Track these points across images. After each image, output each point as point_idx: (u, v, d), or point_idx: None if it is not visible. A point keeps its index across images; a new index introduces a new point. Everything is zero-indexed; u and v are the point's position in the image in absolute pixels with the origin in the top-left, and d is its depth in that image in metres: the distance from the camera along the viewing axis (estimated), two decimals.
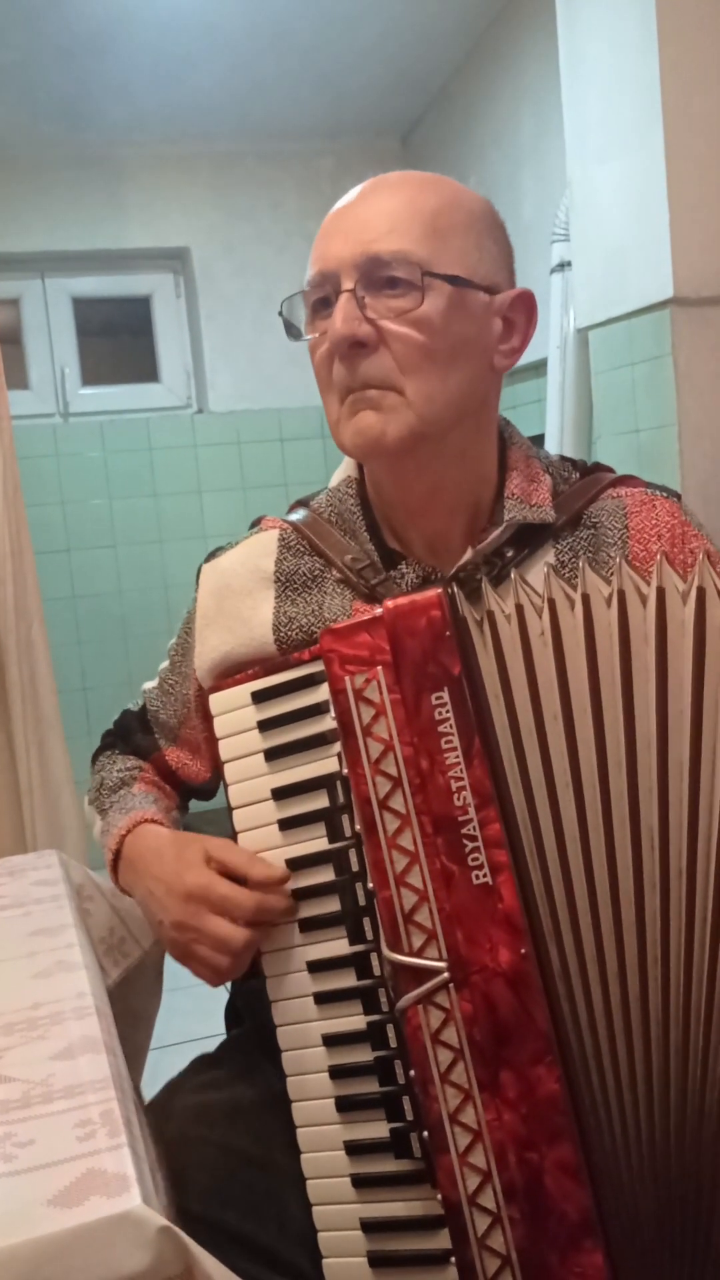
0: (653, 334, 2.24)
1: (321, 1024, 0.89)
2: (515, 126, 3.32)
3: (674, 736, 0.80)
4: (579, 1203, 0.80)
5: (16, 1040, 0.85)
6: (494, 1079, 0.82)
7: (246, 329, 4.03)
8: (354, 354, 0.94)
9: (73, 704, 2.58)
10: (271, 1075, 0.93)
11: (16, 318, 3.93)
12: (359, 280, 0.93)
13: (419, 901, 0.84)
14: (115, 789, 1.14)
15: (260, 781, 0.93)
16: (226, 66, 3.41)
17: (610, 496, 1.04)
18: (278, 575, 1.05)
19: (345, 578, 1.02)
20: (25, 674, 2.25)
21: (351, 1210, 0.87)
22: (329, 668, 0.88)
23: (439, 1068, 0.83)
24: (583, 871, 0.82)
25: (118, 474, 3.91)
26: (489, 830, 0.82)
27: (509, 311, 0.99)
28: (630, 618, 0.81)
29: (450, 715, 0.83)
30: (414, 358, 0.93)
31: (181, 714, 1.14)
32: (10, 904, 1.20)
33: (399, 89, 3.75)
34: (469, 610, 0.85)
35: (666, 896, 0.80)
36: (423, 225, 0.93)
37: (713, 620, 0.79)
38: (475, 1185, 0.82)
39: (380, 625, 0.86)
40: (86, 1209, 0.62)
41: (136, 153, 3.83)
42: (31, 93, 3.39)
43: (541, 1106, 0.81)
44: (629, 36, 2.20)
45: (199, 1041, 1.16)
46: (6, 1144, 0.70)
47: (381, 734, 0.86)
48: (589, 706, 0.81)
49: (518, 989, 0.81)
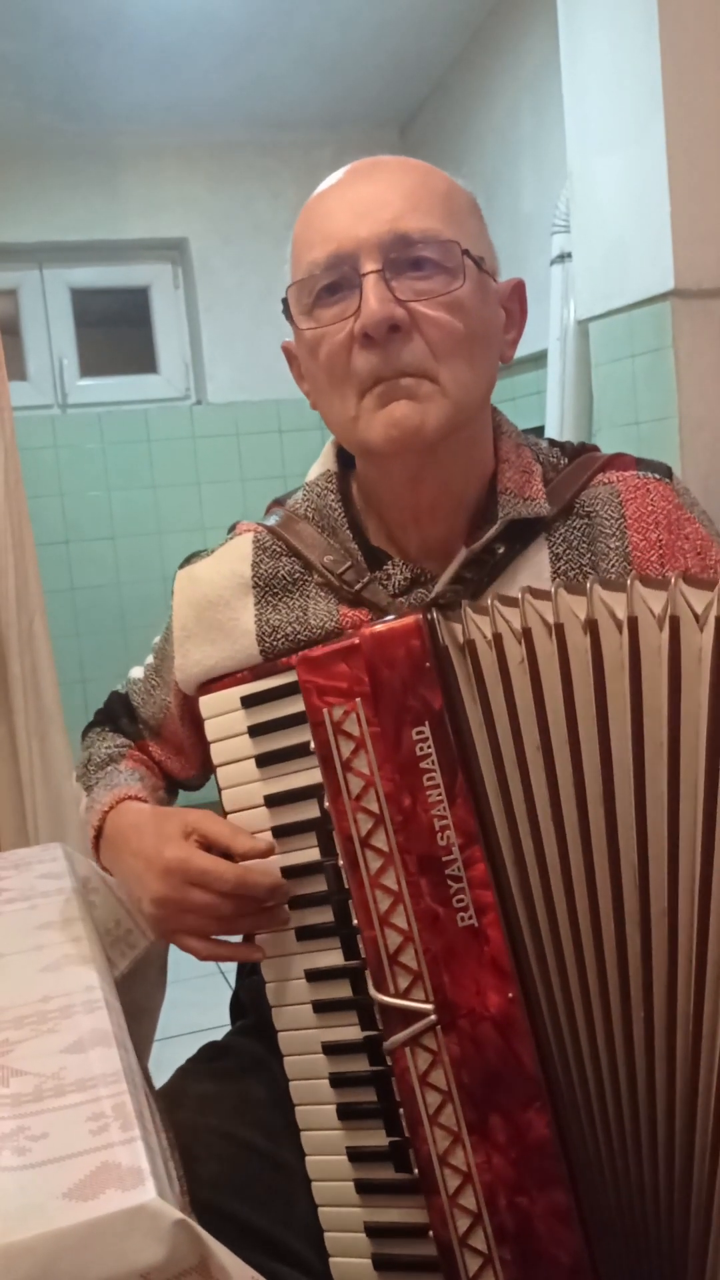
0: (653, 326, 2.24)
1: (321, 1032, 0.88)
2: (515, 117, 3.31)
3: (651, 769, 0.76)
4: (571, 1247, 0.79)
5: (27, 1033, 0.85)
6: (483, 1122, 0.80)
7: (245, 320, 4.03)
8: (388, 340, 0.87)
9: (72, 696, 2.57)
10: (278, 1071, 0.93)
11: (14, 308, 3.92)
12: (384, 261, 0.87)
13: (404, 942, 0.82)
14: (102, 765, 1.11)
15: (253, 788, 0.91)
16: (225, 57, 3.39)
17: (602, 482, 0.99)
18: (255, 580, 1.00)
19: (326, 580, 0.97)
20: (27, 667, 2.25)
21: (356, 1213, 0.87)
22: (307, 698, 0.85)
23: (427, 1109, 0.82)
24: (566, 911, 0.79)
25: (116, 465, 3.91)
26: (474, 871, 0.79)
27: (508, 301, 0.97)
28: (604, 646, 0.76)
29: (432, 751, 0.80)
30: (449, 343, 0.88)
31: (160, 718, 1.12)
32: (17, 897, 1.20)
33: (398, 79, 3.74)
34: (451, 638, 0.81)
35: (648, 935, 0.77)
36: (442, 204, 0.89)
37: (688, 648, 0.74)
38: (466, 1227, 0.81)
39: (358, 654, 0.82)
40: (101, 1202, 0.62)
41: (135, 143, 3.81)
42: (29, 82, 3.38)
43: (531, 1151, 0.79)
44: (630, 27, 2.19)
45: (203, 1033, 1.17)
46: (20, 1137, 0.70)
47: (362, 769, 0.83)
48: (566, 738, 0.77)
49: (506, 1033, 0.79)
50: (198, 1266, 0.63)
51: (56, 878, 1.27)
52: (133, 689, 1.16)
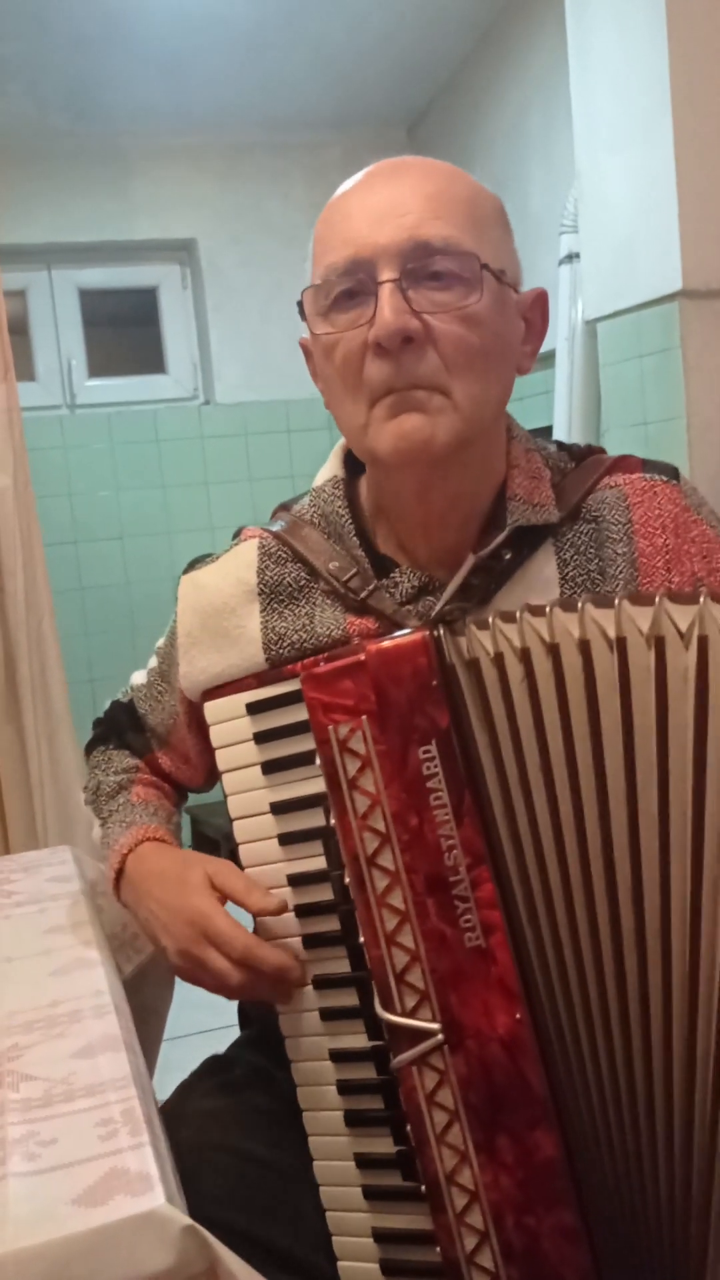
0: (661, 326, 2.24)
1: (327, 1039, 0.88)
2: (523, 117, 3.30)
3: (643, 790, 0.75)
4: (578, 1267, 0.79)
5: (37, 1038, 0.85)
6: (490, 1142, 0.80)
7: (254, 320, 4.02)
8: (401, 350, 0.86)
9: (80, 696, 2.57)
10: (281, 1081, 0.93)
11: (23, 309, 3.92)
12: (402, 270, 0.86)
13: (410, 962, 0.82)
14: (113, 794, 1.10)
15: (259, 795, 0.91)
16: (234, 58, 3.39)
17: (608, 486, 0.98)
18: (261, 587, 1.00)
19: (332, 588, 0.96)
20: (36, 668, 2.25)
21: (364, 1219, 0.87)
22: (312, 715, 0.85)
23: (435, 1129, 0.82)
24: (569, 933, 0.79)
25: (124, 466, 3.91)
26: (481, 891, 0.79)
27: (529, 311, 0.96)
28: (596, 666, 0.75)
29: (439, 770, 0.80)
30: (463, 358, 0.87)
31: (168, 724, 1.11)
32: (26, 900, 1.20)
33: (407, 80, 3.73)
34: (457, 655, 0.80)
35: (644, 956, 0.77)
36: (465, 213, 0.88)
37: (674, 668, 0.74)
38: (473, 1245, 0.81)
39: (363, 671, 0.82)
40: (111, 1208, 0.63)
41: (143, 144, 3.81)
42: (38, 84, 3.38)
43: (539, 1172, 0.79)
44: (638, 26, 2.19)
45: (210, 1033, 1.17)
46: (30, 1143, 0.70)
47: (368, 787, 0.82)
48: (564, 759, 0.77)
49: (513, 1053, 0.79)
50: (206, 1272, 0.64)
51: (65, 880, 1.27)
52: (137, 695, 1.15)
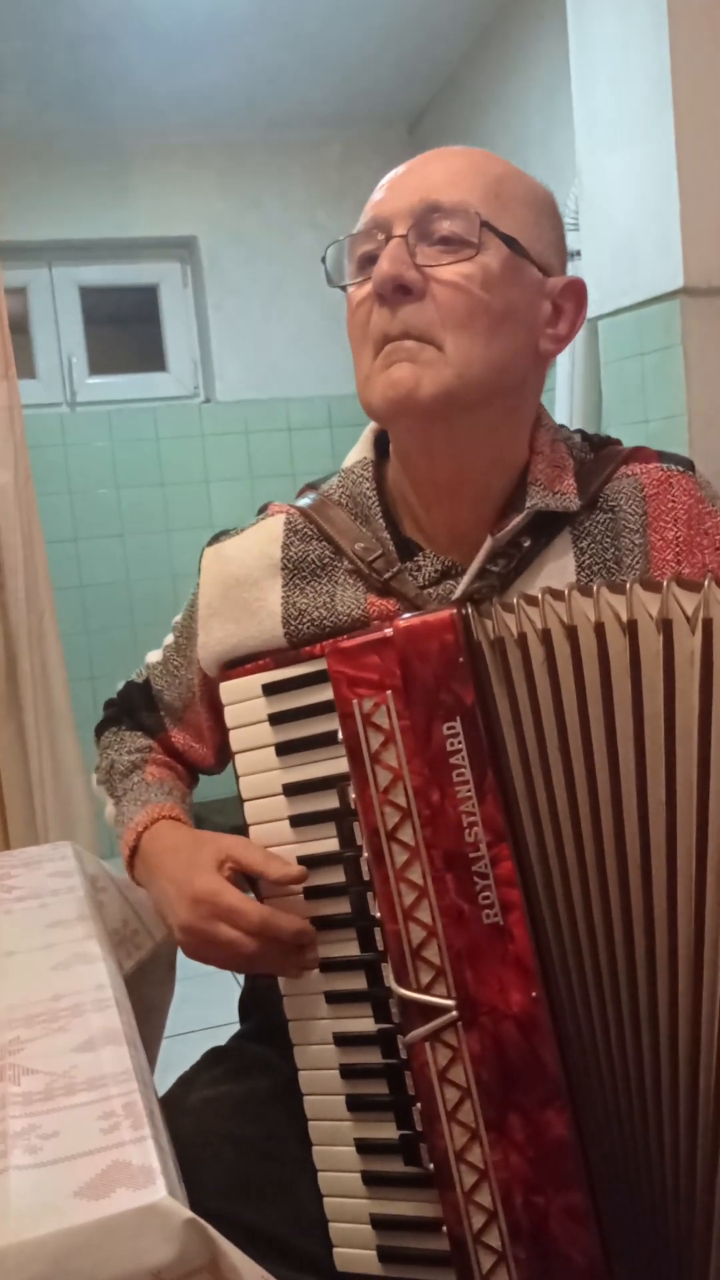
0: (662, 324, 2.24)
1: (332, 1023, 0.88)
2: (524, 115, 3.30)
3: (651, 773, 0.75)
4: (586, 1248, 0.79)
5: (38, 1032, 0.85)
6: (502, 1120, 0.80)
7: (254, 318, 4.03)
8: (396, 299, 0.88)
9: (81, 694, 2.57)
10: (283, 1067, 0.93)
11: (23, 307, 3.92)
12: (412, 227, 0.89)
13: (427, 937, 0.82)
14: (127, 773, 1.11)
15: (272, 776, 0.91)
16: (234, 55, 3.39)
17: (625, 475, 0.99)
18: (285, 562, 1.00)
19: (356, 568, 0.97)
20: (36, 665, 2.25)
21: (362, 1205, 0.87)
22: (337, 689, 0.85)
23: (445, 1105, 0.82)
24: (585, 913, 0.79)
25: (125, 463, 3.91)
26: (500, 868, 0.79)
27: (559, 297, 0.96)
28: (610, 649, 0.76)
29: (462, 746, 0.80)
30: (459, 313, 0.88)
31: (186, 698, 1.11)
32: (27, 895, 1.20)
33: (407, 78, 3.73)
34: (484, 634, 0.80)
35: (653, 940, 0.77)
36: (486, 185, 0.91)
37: (681, 650, 0.74)
38: (481, 1224, 0.81)
39: (390, 647, 0.82)
40: (113, 1201, 0.63)
41: (144, 142, 3.82)
42: (39, 82, 3.38)
43: (550, 1151, 0.79)
44: (639, 24, 2.19)
45: (212, 1030, 1.17)
46: (31, 1136, 0.70)
47: (390, 762, 0.82)
48: (580, 740, 0.77)
49: (527, 1032, 0.79)
50: (208, 1265, 0.64)
51: (66, 876, 1.27)
52: (153, 673, 1.15)
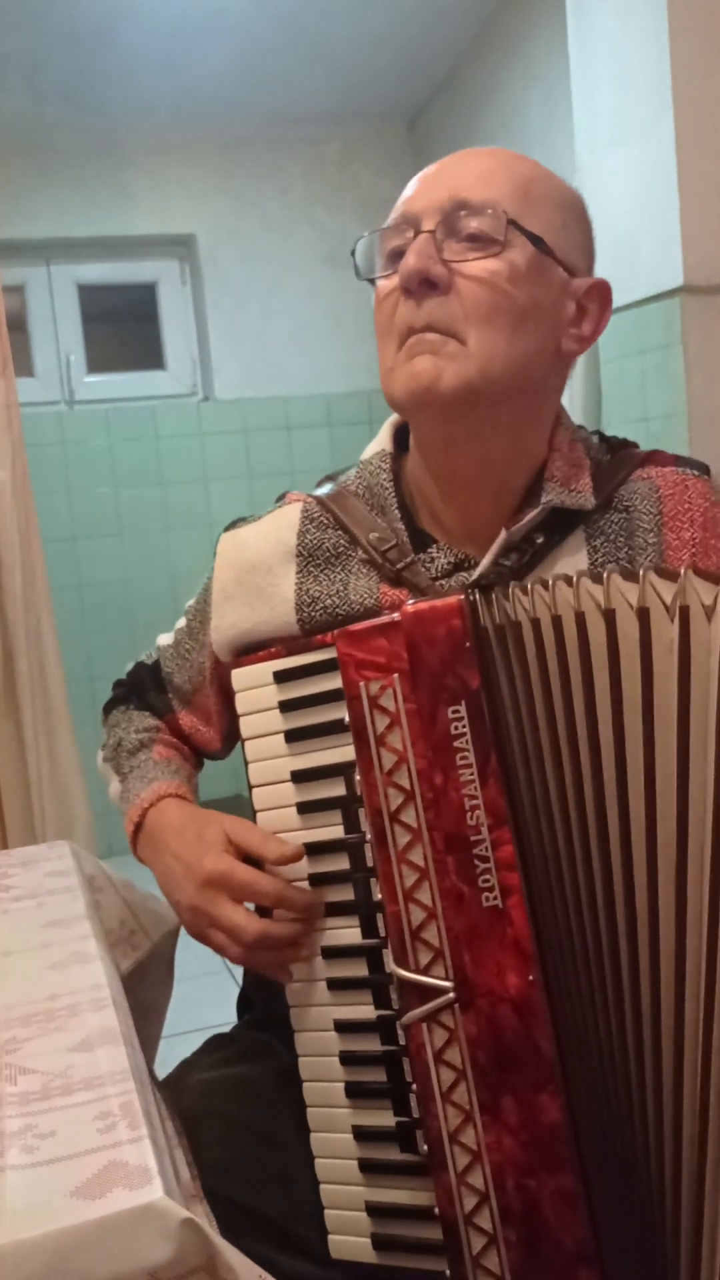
0: (662, 322, 2.23)
1: (333, 1009, 0.89)
2: (523, 112, 3.30)
3: (661, 766, 0.76)
4: (576, 1233, 0.79)
5: (34, 1031, 0.85)
6: (495, 1103, 0.81)
7: (253, 316, 4.02)
8: (422, 293, 0.90)
9: (79, 693, 2.57)
10: (283, 1054, 0.94)
11: (21, 305, 3.92)
12: (440, 223, 0.91)
13: (427, 919, 0.82)
14: (134, 751, 1.13)
15: (280, 763, 0.92)
16: (233, 52, 3.39)
17: (641, 478, 1.01)
18: (300, 549, 1.02)
19: (370, 557, 0.99)
20: (34, 665, 2.24)
21: (358, 1192, 0.88)
22: (344, 672, 0.86)
23: (440, 1086, 0.82)
24: (587, 899, 0.79)
25: (123, 462, 3.91)
26: (501, 852, 0.80)
27: (584, 298, 0.97)
28: (620, 636, 0.76)
29: (467, 730, 0.81)
30: (483, 308, 0.90)
31: (196, 681, 1.13)
32: (24, 895, 1.20)
33: (406, 74, 3.73)
34: (490, 620, 0.81)
35: (656, 932, 0.77)
36: (515, 184, 0.92)
37: (698, 640, 0.74)
38: (472, 1205, 0.82)
39: (398, 631, 0.83)
40: (109, 1201, 0.62)
41: (142, 139, 3.81)
42: (37, 79, 3.38)
43: (543, 1135, 0.80)
44: (639, 21, 2.18)
45: (210, 1030, 1.17)
46: (28, 1135, 0.70)
47: (395, 744, 0.84)
48: (586, 728, 0.78)
49: (524, 1015, 0.80)
50: (205, 1265, 0.63)
51: (64, 875, 1.27)
52: (163, 655, 1.17)
